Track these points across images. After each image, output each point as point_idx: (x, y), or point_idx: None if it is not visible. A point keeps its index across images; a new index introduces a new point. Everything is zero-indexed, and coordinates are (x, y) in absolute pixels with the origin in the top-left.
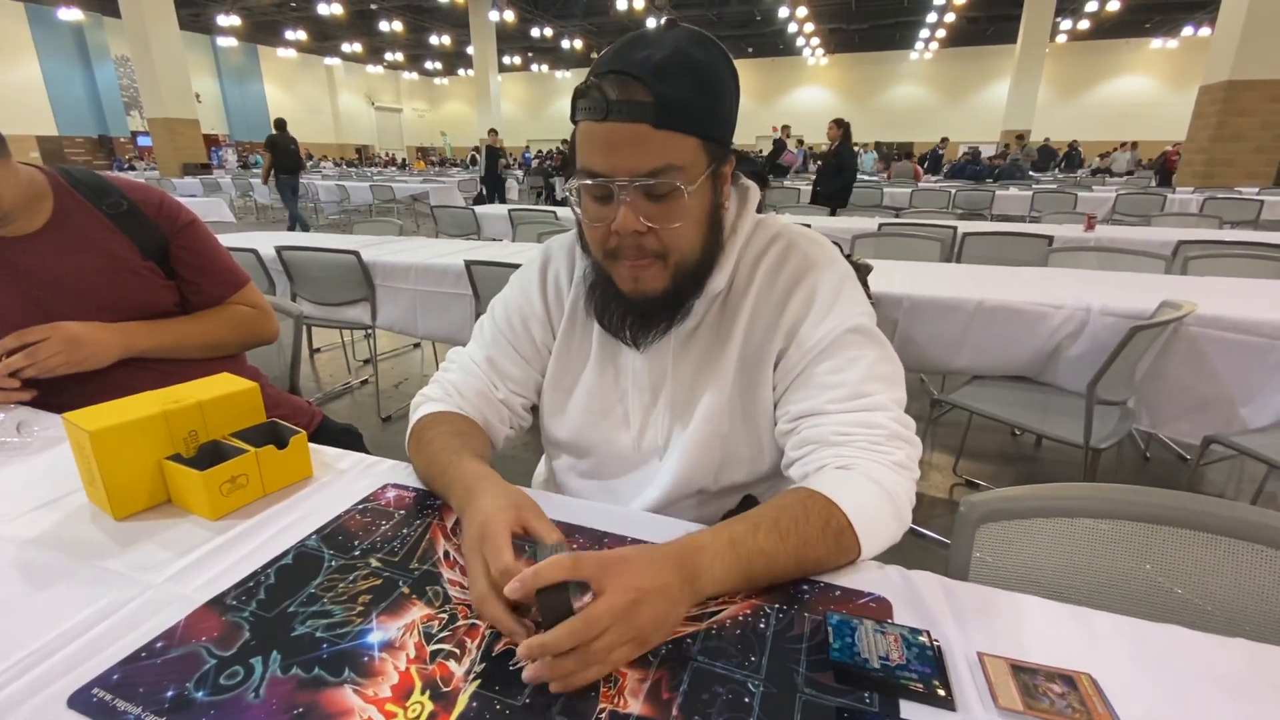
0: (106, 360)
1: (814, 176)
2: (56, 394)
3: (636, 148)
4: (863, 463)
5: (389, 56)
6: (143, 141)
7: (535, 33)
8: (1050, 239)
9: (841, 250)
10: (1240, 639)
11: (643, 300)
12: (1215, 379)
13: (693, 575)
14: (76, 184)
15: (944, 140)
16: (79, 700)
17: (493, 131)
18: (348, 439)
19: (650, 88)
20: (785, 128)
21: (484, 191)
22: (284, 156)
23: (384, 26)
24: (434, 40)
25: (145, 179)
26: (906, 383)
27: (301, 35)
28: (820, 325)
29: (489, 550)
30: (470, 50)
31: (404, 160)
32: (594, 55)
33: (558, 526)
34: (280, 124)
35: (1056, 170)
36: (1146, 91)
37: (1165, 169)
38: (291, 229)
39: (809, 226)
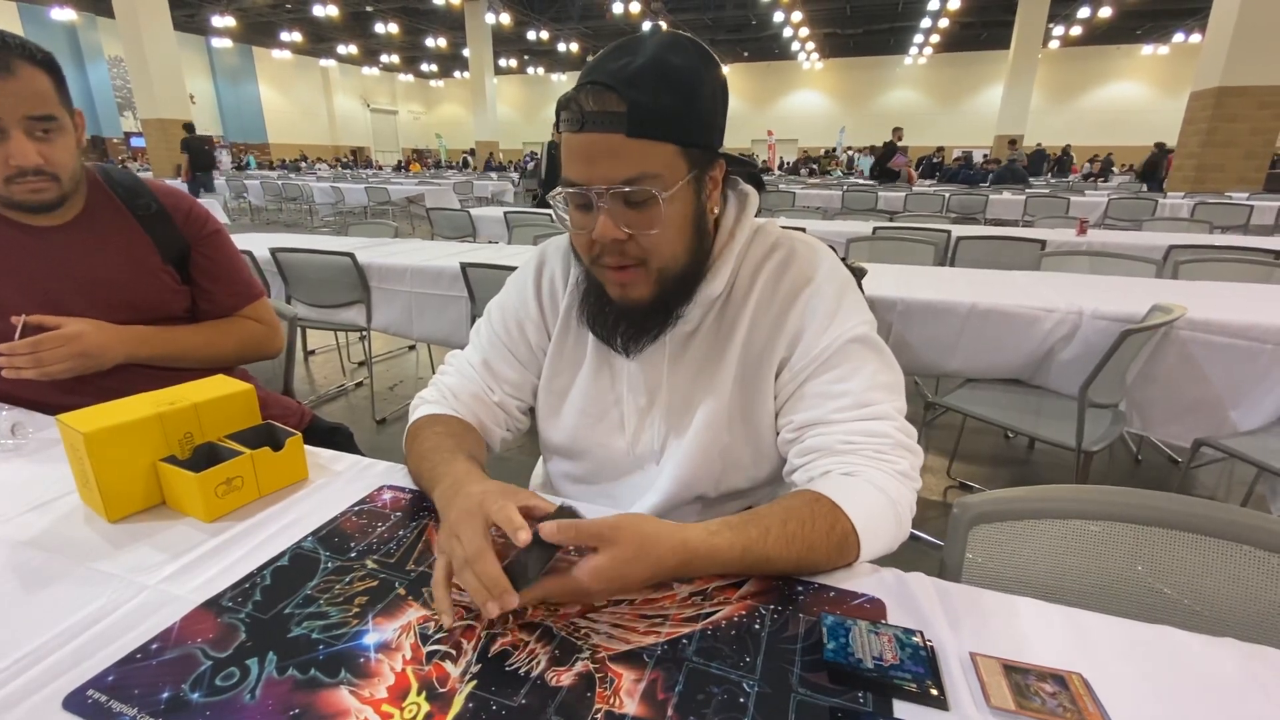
0: (108, 364)
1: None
2: (47, 394)
3: (612, 157)
4: (868, 470)
5: (385, 58)
6: (136, 142)
7: (531, 35)
8: (1043, 243)
9: (836, 254)
10: (1229, 639)
11: (631, 308)
12: (1205, 382)
13: (686, 571)
14: (112, 182)
15: (940, 149)
16: (74, 702)
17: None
18: (338, 438)
19: (624, 97)
20: (898, 130)
21: (541, 197)
22: (199, 156)
23: (380, 28)
24: (430, 42)
25: None
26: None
27: (297, 37)
28: (823, 335)
29: (464, 542)
30: (466, 53)
31: (400, 162)
32: (589, 58)
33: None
34: (190, 127)
35: (1049, 175)
36: (1138, 97)
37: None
38: None
39: (803, 230)
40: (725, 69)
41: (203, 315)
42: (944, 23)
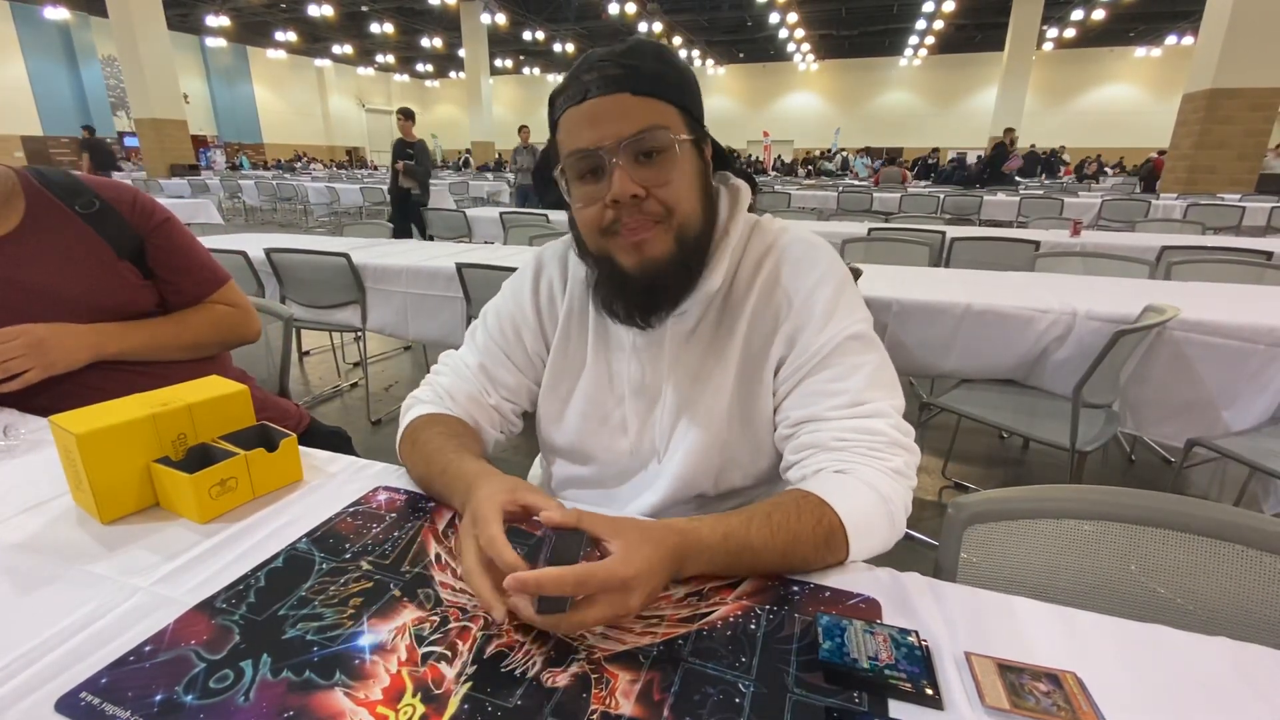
0: (76, 364)
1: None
2: (31, 397)
3: (621, 115)
4: (860, 468)
5: (380, 59)
6: (130, 142)
7: (527, 36)
8: (1037, 244)
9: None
10: (1221, 638)
11: (649, 270)
12: (1198, 382)
13: (683, 566)
14: (48, 184)
15: (935, 151)
16: (66, 705)
17: None
18: (336, 441)
19: (623, 64)
20: (1009, 130)
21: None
22: (100, 156)
23: (375, 28)
24: (425, 42)
25: (132, 180)
26: None
27: (291, 36)
28: (821, 333)
29: (479, 527)
30: (462, 53)
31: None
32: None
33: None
34: (90, 130)
35: (1042, 176)
36: (1131, 99)
37: (1152, 175)
38: None
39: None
40: (720, 70)
41: (173, 308)
42: (939, 25)
